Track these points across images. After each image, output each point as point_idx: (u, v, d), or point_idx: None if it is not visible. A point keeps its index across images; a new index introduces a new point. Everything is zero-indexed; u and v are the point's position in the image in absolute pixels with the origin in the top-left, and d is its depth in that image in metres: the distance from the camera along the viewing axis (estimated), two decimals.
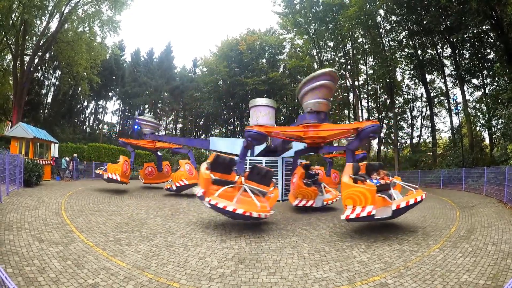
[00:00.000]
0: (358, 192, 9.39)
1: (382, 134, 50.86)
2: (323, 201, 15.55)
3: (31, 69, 36.68)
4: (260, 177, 12.13)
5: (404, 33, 41.90)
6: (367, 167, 11.97)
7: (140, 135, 23.50)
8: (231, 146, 22.45)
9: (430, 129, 45.25)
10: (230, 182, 11.28)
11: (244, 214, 9.62)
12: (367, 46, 47.42)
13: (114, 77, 59.29)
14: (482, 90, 35.96)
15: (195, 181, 18.16)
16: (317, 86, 12.24)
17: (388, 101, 47.86)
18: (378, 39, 42.99)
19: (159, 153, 25.41)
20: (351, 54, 49.52)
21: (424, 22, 35.38)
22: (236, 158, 12.92)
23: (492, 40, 32.28)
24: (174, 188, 19.01)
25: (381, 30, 43.29)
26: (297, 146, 20.05)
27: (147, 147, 24.81)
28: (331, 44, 50.69)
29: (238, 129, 62.29)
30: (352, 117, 52.49)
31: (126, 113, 65.83)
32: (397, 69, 44.24)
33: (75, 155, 28.47)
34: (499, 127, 27.95)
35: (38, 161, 20.78)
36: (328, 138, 14.36)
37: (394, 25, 41.93)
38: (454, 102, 35.70)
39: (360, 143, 12.14)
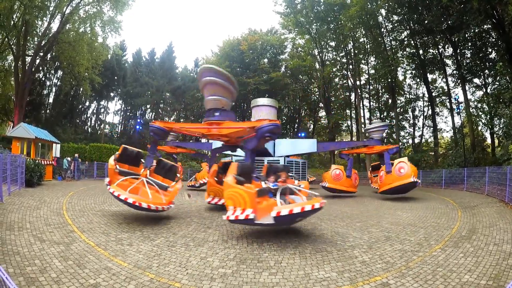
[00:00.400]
0: (238, 194, 8.88)
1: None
2: None
3: (33, 69, 36.73)
4: (165, 172, 12.95)
5: (405, 33, 41.92)
6: (267, 169, 11.63)
7: (141, 135, 23.95)
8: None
9: (431, 128, 45.26)
10: (134, 174, 11.79)
11: (134, 204, 10.06)
12: (368, 46, 47.44)
13: (115, 77, 59.28)
14: (484, 90, 35.92)
15: None
16: (205, 83, 12.39)
17: (390, 100, 47.90)
18: (379, 39, 43.00)
19: (174, 156, 28.43)
20: (352, 54, 49.49)
21: (426, 22, 35.34)
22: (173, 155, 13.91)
23: (494, 40, 32.24)
24: (197, 185, 23.94)
25: (382, 29, 43.30)
26: (216, 144, 20.63)
27: (170, 152, 28.37)
28: (333, 44, 50.71)
29: None
30: (354, 117, 52.51)
31: (128, 113, 65.85)
32: (399, 68, 44.30)
33: (76, 155, 28.49)
34: (501, 126, 27.88)
35: (39, 161, 20.82)
36: (232, 136, 13.94)
37: (396, 24, 41.92)
38: (456, 101, 35.64)
39: (258, 143, 11.62)
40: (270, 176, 11.03)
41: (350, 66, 50.30)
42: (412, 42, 41.02)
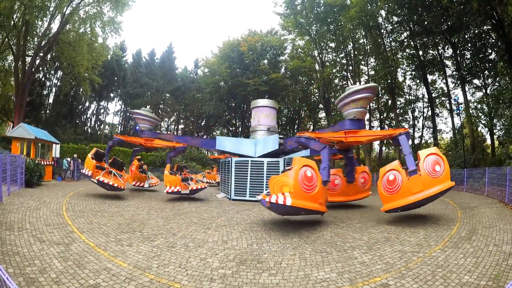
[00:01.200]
0: (172, 180, 17.88)
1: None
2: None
3: (33, 69, 36.76)
4: (117, 166, 18.88)
5: (405, 34, 41.89)
6: (178, 167, 20.77)
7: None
8: (237, 145, 22.29)
9: (431, 129, 45.24)
10: (104, 168, 17.48)
11: (108, 184, 16.33)
12: (368, 47, 47.41)
13: (115, 78, 59.38)
14: (484, 91, 35.92)
15: None
16: (362, 97, 14.45)
17: (389, 101, 47.82)
18: (379, 40, 42.99)
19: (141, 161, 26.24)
20: (352, 55, 49.48)
21: (425, 23, 35.35)
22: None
23: (493, 40, 32.25)
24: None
25: (382, 30, 43.29)
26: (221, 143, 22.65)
27: (145, 146, 22.61)
28: (333, 45, 50.61)
29: (240, 130, 62.36)
30: None
31: (128, 114, 65.89)
32: (399, 69, 44.26)
33: (75, 155, 28.49)
34: (500, 127, 27.91)
35: (39, 161, 20.82)
36: (364, 143, 16.88)
37: (396, 25, 41.88)
38: (456, 102, 35.62)
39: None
40: (180, 170, 20.49)
41: (350, 67, 50.26)
42: (412, 43, 41.01)
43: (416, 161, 12.08)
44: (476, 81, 37.19)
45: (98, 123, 63.34)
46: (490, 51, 33.99)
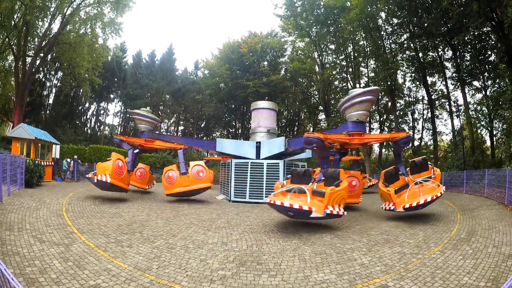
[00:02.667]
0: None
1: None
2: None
3: (33, 70, 36.77)
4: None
5: (405, 36, 42.00)
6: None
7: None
8: (237, 147, 22.34)
9: (431, 131, 45.26)
10: None
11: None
12: (368, 49, 47.48)
13: (115, 79, 59.31)
14: (483, 92, 35.95)
15: None
16: (365, 100, 14.80)
17: (389, 103, 47.86)
18: (379, 42, 43.07)
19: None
20: (352, 57, 49.59)
21: (425, 25, 35.41)
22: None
23: (493, 42, 32.29)
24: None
25: (382, 32, 43.39)
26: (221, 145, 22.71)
27: (145, 147, 22.01)
28: (333, 46, 50.75)
29: (240, 131, 62.39)
30: None
31: (128, 115, 65.87)
32: (399, 71, 44.31)
33: (75, 156, 28.51)
34: (500, 129, 27.94)
35: (39, 162, 20.83)
36: (367, 145, 16.86)
37: (395, 27, 42.00)
38: (456, 104, 35.64)
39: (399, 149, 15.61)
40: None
41: (350, 69, 50.34)
42: (411, 45, 41.07)
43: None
44: (476, 83, 37.24)
45: (98, 124, 63.32)
46: (490, 52, 34.03)
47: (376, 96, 15.39)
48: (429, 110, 44.86)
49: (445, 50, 39.37)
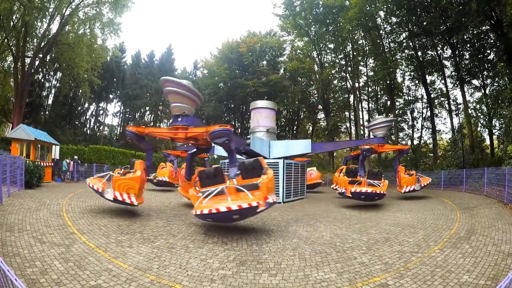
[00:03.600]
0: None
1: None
2: None
3: (32, 70, 36.74)
4: None
5: (404, 35, 42.04)
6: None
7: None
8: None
9: (430, 130, 45.27)
10: None
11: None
12: (367, 48, 47.54)
13: (114, 79, 59.27)
14: (483, 91, 35.96)
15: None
16: (387, 125, 17.94)
17: (388, 102, 47.90)
18: (378, 41, 43.10)
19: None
20: (351, 56, 49.59)
21: (424, 24, 35.45)
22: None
23: (492, 41, 32.31)
24: (155, 181, 24.99)
25: (381, 31, 43.41)
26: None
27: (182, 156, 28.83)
28: (332, 46, 50.74)
29: (239, 131, 62.34)
30: (353, 118, 52.56)
31: (127, 115, 65.88)
32: (398, 70, 44.33)
33: (75, 157, 28.50)
34: (499, 127, 27.96)
35: (39, 162, 20.82)
36: (198, 139, 14.97)
37: (394, 26, 42.00)
38: (455, 103, 35.73)
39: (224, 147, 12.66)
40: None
41: (349, 68, 50.37)
42: (410, 44, 41.10)
43: None
44: (475, 81, 37.26)
45: (98, 124, 63.25)
46: (489, 51, 34.06)
47: (172, 86, 13.49)
48: (428, 109, 44.85)
49: (444, 49, 39.40)
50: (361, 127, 47.77)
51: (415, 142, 49.05)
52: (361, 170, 19.79)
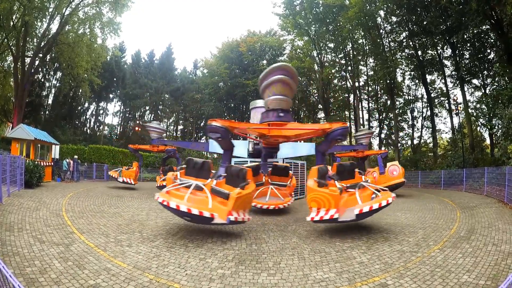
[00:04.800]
0: (322, 196, 9.66)
1: (382, 135, 50.88)
2: None
3: (32, 70, 36.73)
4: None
5: (404, 34, 42.04)
6: (337, 168, 11.77)
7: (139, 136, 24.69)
8: None
9: (430, 129, 45.27)
10: None
11: None
12: (367, 47, 47.51)
13: (114, 79, 59.26)
14: (483, 90, 35.98)
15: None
16: (273, 81, 11.51)
17: (388, 102, 47.88)
18: (378, 40, 43.09)
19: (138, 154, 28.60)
20: (351, 55, 49.58)
21: (424, 23, 35.46)
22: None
23: (492, 40, 32.34)
24: (120, 180, 24.26)
25: (381, 31, 43.41)
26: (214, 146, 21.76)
27: (152, 151, 28.50)
28: (332, 45, 50.72)
29: None
30: (353, 118, 52.53)
31: (127, 115, 65.87)
32: (398, 70, 44.31)
33: (75, 156, 28.51)
34: (499, 127, 27.94)
35: (39, 162, 20.83)
36: (293, 138, 14.21)
37: (394, 26, 42.03)
38: (455, 102, 35.71)
39: (330, 145, 11.89)
40: (340, 175, 11.23)
41: (349, 68, 50.36)
42: (410, 43, 41.12)
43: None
44: (475, 81, 37.30)
45: (98, 124, 63.27)
46: (489, 51, 34.10)
47: (289, 75, 11.36)
48: (428, 108, 44.85)
49: (444, 48, 39.42)
50: (361, 127, 47.75)
51: (415, 141, 49.10)
52: (264, 166, 16.30)
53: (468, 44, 35.24)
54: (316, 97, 57.94)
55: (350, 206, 9.71)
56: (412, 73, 45.41)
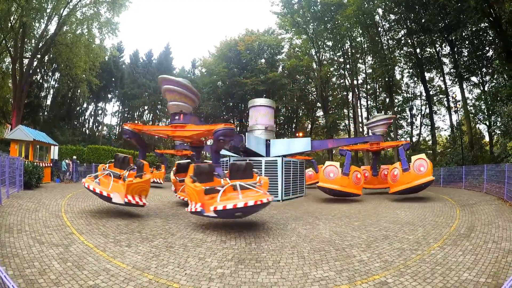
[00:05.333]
0: (191, 190, 10.71)
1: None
2: None
3: (30, 71, 36.70)
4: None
5: (402, 32, 42.04)
6: (230, 167, 12.33)
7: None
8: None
9: (429, 127, 45.30)
10: None
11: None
12: (365, 45, 47.49)
13: (113, 79, 59.23)
14: (482, 88, 35.99)
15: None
16: (164, 91, 13.70)
17: (387, 99, 47.87)
18: (376, 38, 43.04)
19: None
20: (349, 53, 49.56)
21: (423, 21, 35.43)
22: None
23: (491, 38, 32.32)
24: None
25: (379, 29, 43.38)
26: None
27: (176, 154, 32.32)
28: (330, 43, 50.69)
29: (238, 129, 62.27)
30: (352, 116, 52.53)
31: (126, 115, 65.78)
32: (396, 67, 44.30)
33: (74, 157, 28.46)
34: (498, 124, 27.95)
35: (38, 163, 20.80)
36: (193, 138, 15.65)
37: (393, 24, 42.02)
38: (454, 100, 35.66)
39: (217, 145, 13.15)
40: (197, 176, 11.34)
41: (348, 66, 50.34)
42: (409, 41, 41.10)
43: None
44: (473, 78, 37.30)
45: (96, 124, 63.24)
46: (487, 48, 34.08)
47: (170, 84, 13.54)
48: (427, 106, 44.87)
49: (443, 46, 39.42)
50: (360, 125, 47.76)
51: (414, 139, 49.10)
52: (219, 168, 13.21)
53: (467, 42, 35.25)
54: (314, 96, 57.92)
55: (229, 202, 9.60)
56: (411, 70, 45.46)
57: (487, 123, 31.67)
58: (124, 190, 11.56)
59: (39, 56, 37.96)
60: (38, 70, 45.12)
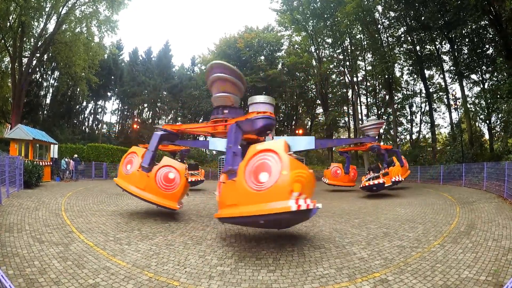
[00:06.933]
0: None
1: (381, 130, 50.87)
2: None
3: (30, 70, 36.56)
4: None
5: (402, 29, 41.88)
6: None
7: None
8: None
9: (429, 124, 45.23)
10: None
11: None
12: (365, 43, 47.35)
13: (112, 77, 59.05)
14: (481, 85, 35.94)
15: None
16: (214, 80, 11.47)
17: (387, 97, 47.79)
18: (376, 35, 42.91)
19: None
20: (349, 51, 49.47)
21: (423, 18, 35.35)
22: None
23: (491, 36, 32.24)
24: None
25: (379, 26, 43.23)
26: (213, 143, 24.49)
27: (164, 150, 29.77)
28: (329, 40, 50.61)
29: None
30: (351, 113, 52.52)
31: (125, 113, 65.69)
32: (396, 65, 44.13)
33: (75, 155, 28.45)
34: (498, 122, 27.95)
35: (37, 162, 20.79)
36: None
37: (392, 21, 41.89)
38: (453, 97, 35.62)
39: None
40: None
41: (347, 63, 50.25)
42: (409, 38, 40.98)
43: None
44: (473, 76, 37.23)
45: (96, 122, 63.09)
46: (487, 46, 34.00)
47: (225, 72, 11.28)
48: (427, 103, 44.84)
49: (443, 43, 39.30)
50: (360, 122, 47.76)
51: (414, 136, 49.11)
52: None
53: (467, 39, 35.13)
54: (314, 93, 57.87)
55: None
56: (411, 68, 45.35)
57: (487, 120, 31.60)
58: None
59: (38, 55, 37.84)
60: (37, 69, 44.92)
